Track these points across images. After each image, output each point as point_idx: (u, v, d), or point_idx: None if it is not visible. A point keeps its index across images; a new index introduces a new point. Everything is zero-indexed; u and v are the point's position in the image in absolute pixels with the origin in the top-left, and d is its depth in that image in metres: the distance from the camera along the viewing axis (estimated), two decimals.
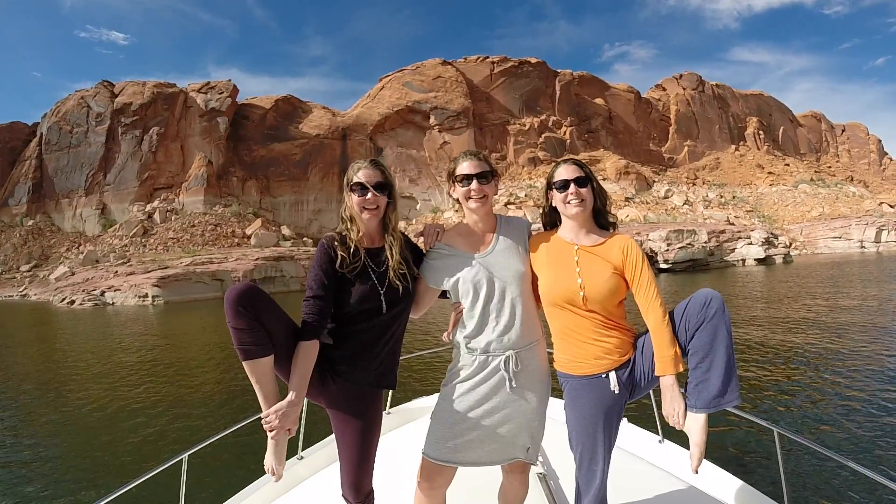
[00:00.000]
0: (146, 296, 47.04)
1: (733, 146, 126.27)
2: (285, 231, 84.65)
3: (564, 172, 2.26)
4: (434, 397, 4.76)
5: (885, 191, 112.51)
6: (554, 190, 2.29)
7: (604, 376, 2.13)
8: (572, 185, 2.23)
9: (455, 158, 2.33)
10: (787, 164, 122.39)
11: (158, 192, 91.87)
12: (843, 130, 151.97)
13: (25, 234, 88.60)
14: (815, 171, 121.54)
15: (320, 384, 2.15)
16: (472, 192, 2.23)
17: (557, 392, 2.38)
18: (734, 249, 60.86)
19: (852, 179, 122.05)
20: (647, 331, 2.15)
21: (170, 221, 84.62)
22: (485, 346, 2.19)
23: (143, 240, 79.92)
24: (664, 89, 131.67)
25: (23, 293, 67.04)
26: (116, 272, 56.98)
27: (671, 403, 2.05)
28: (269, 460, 2.07)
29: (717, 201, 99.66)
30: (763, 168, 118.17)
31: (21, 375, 16.25)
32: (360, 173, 2.19)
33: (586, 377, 2.15)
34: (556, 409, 4.33)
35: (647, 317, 2.09)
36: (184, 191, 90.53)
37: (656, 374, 2.06)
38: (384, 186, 2.20)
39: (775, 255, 59.55)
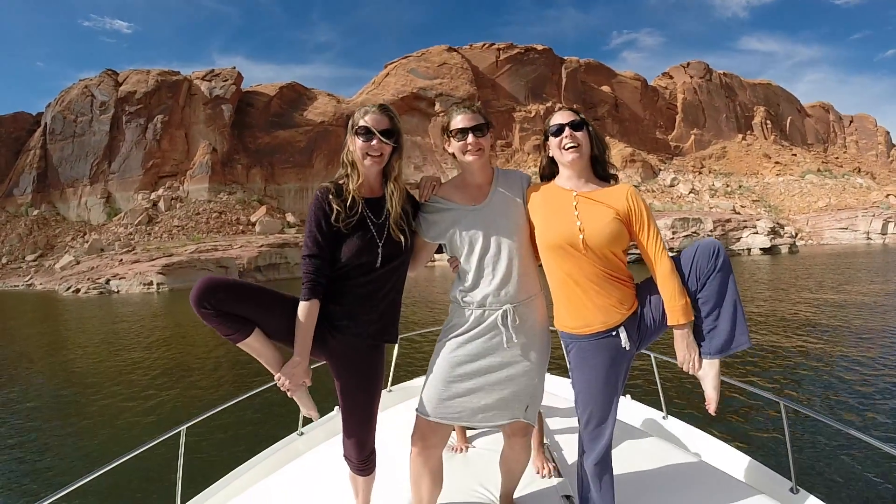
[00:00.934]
0: (151, 283, 47.27)
1: (740, 135, 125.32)
2: (290, 218, 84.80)
3: (559, 117, 2.21)
4: None
5: (892, 183, 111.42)
6: (550, 137, 2.22)
7: (613, 334, 2.05)
8: (567, 129, 2.17)
9: (448, 111, 2.21)
10: (794, 155, 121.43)
11: (163, 180, 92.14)
12: (851, 121, 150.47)
13: (31, 223, 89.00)
14: (823, 162, 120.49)
15: (321, 341, 2.07)
16: (469, 146, 2.13)
17: (554, 370, 2.30)
18: (740, 238, 60.62)
19: (859, 171, 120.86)
20: (647, 280, 2.11)
21: (174, 209, 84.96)
22: (481, 299, 2.11)
23: (147, 228, 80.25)
24: (671, 77, 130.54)
25: (28, 283, 67.35)
26: (121, 260, 57.27)
27: (686, 350, 2.03)
28: (303, 410, 2.21)
29: (723, 190, 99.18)
30: (770, 158, 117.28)
31: (27, 356, 16.49)
32: (368, 117, 2.08)
33: (595, 336, 2.06)
34: (554, 384, 4.31)
35: (656, 266, 2.04)
36: (188, 178, 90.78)
37: (668, 323, 2.01)
38: (391, 133, 2.09)
39: (781, 245, 59.31)
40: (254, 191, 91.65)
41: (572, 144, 2.16)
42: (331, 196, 2.05)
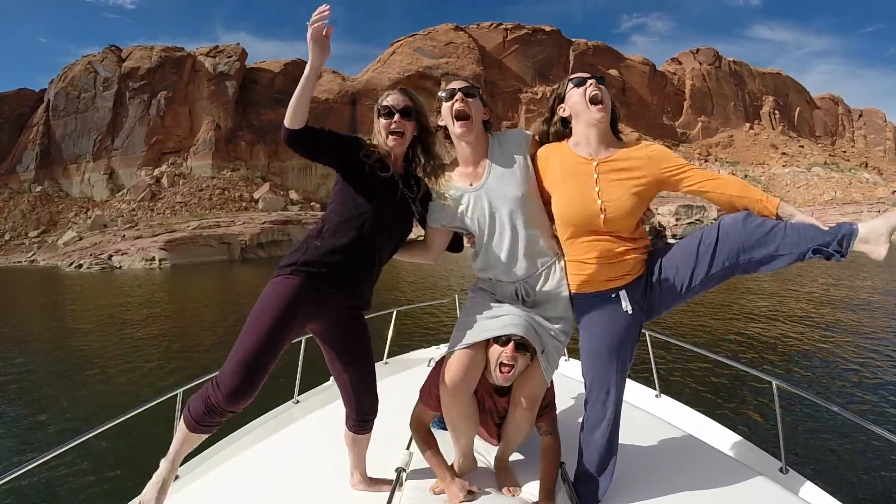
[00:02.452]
0: (153, 259, 47.43)
1: (748, 124, 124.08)
2: (293, 195, 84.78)
3: (580, 74, 2.08)
4: (432, 349, 4.76)
5: None
6: (572, 89, 2.05)
7: (613, 295, 2.01)
8: (592, 80, 2.02)
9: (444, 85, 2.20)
10: (802, 146, 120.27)
11: (166, 156, 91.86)
12: (860, 115, 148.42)
13: (34, 200, 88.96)
14: (830, 155, 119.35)
15: (312, 307, 2.05)
16: (455, 102, 2.07)
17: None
18: None
19: (867, 165, 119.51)
20: (662, 246, 2.05)
21: (178, 186, 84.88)
22: (494, 277, 2.16)
23: (150, 204, 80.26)
24: (680, 63, 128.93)
25: (31, 259, 67.47)
26: (124, 236, 57.44)
27: (817, 222, 1.76)
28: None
29: None
30: (777, 148, 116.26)
31: (30, 327, 16.71)
32: (388, 98, 2.15)
33: (595, 294, 2.03)
34: (571, 368, 4.29)
35: (719, 185, 1.93)
36: (192, 155, 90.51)
37: (778, 214, 1.83)
38: (410, 111, 2.14)
39: None
40: (257, 168, 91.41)
41: (598, 95, 1.99)
42: (368, 142, 2.14)
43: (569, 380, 3.66)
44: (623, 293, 2.00)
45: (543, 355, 2.05)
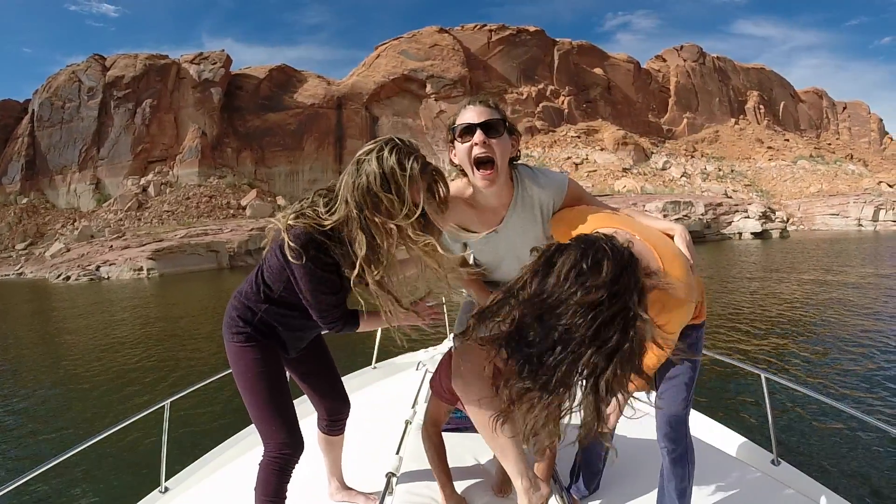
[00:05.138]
0: (141, 269, 46.96)
1: (733, 119, 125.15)
2: (280, 201, 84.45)
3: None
4: (420, 353, 4.75)
5: (884, 170, 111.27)
6: None
7: None
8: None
9: (459, 109, 1.71)
10: (787, 140, 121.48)
11: (152, 165, 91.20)
12: (844, 108, 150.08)
13: (20, 212, 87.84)
14: (815, 148, 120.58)
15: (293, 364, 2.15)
16: (476, 149, 1.58)
17: None
18: (731, 222, 60.92)
19: (852, 157, 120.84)
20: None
21: (164, 194, 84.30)
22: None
23: (137, 213, 79.61)
24: (664, 60, 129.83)
25: (19, 271, 66.45)
26: (111, 246, 56.84)
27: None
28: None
29: (715, 174, 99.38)
30: (762, 142, 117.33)
31: (16, 340, 16.47)
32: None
33: None
34: None
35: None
36: (178, 163, 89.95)
37: None
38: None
39: (772, 229, 59.64)
40: (244, 174, 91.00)
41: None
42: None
43: None
44: None
45: None
